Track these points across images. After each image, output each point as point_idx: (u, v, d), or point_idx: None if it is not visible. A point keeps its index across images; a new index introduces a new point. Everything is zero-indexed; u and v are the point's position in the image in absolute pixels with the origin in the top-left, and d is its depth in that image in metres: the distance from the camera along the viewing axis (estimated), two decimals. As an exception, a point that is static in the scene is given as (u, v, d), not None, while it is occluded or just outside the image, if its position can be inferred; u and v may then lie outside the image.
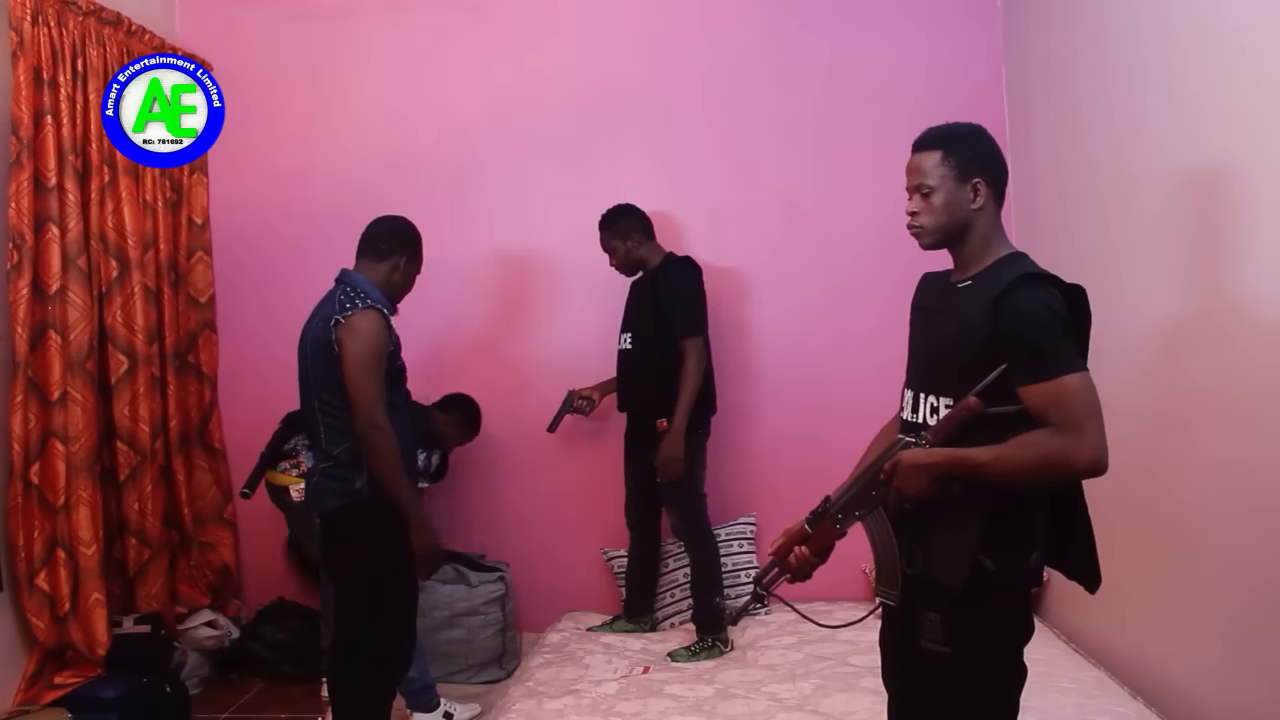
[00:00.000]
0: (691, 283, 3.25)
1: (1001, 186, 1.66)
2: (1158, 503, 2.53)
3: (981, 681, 1.60)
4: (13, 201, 2.85)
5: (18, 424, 2.84)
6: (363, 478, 2.31)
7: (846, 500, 1.65)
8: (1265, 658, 2.07)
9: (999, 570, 1.53)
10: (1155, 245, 2.54)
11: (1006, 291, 1.52)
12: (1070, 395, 1.44)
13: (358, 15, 3.82)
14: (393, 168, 3.74)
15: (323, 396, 2.34)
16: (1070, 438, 1.44)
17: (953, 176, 1.62)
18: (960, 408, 1.51)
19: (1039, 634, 3.05)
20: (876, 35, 3.71)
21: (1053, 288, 1.54)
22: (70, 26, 3.07)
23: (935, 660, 1.60)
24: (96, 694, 2.86)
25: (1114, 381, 2.79)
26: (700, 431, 3.26)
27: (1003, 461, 1.47)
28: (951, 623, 1.57)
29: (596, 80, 3.76)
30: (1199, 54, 2.32)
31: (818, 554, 1.68)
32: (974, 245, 1.64)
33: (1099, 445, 1.44)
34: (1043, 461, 1.46)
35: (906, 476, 1.55)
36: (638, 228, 3.29)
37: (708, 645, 3.15)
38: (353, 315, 2.28)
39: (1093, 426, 1.44)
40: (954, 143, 1.64)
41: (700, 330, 3.19)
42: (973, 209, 1.63)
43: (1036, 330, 1.48)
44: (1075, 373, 1.46)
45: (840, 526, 1.65)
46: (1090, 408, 1.44)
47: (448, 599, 3.42)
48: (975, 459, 1.49)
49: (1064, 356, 1.46)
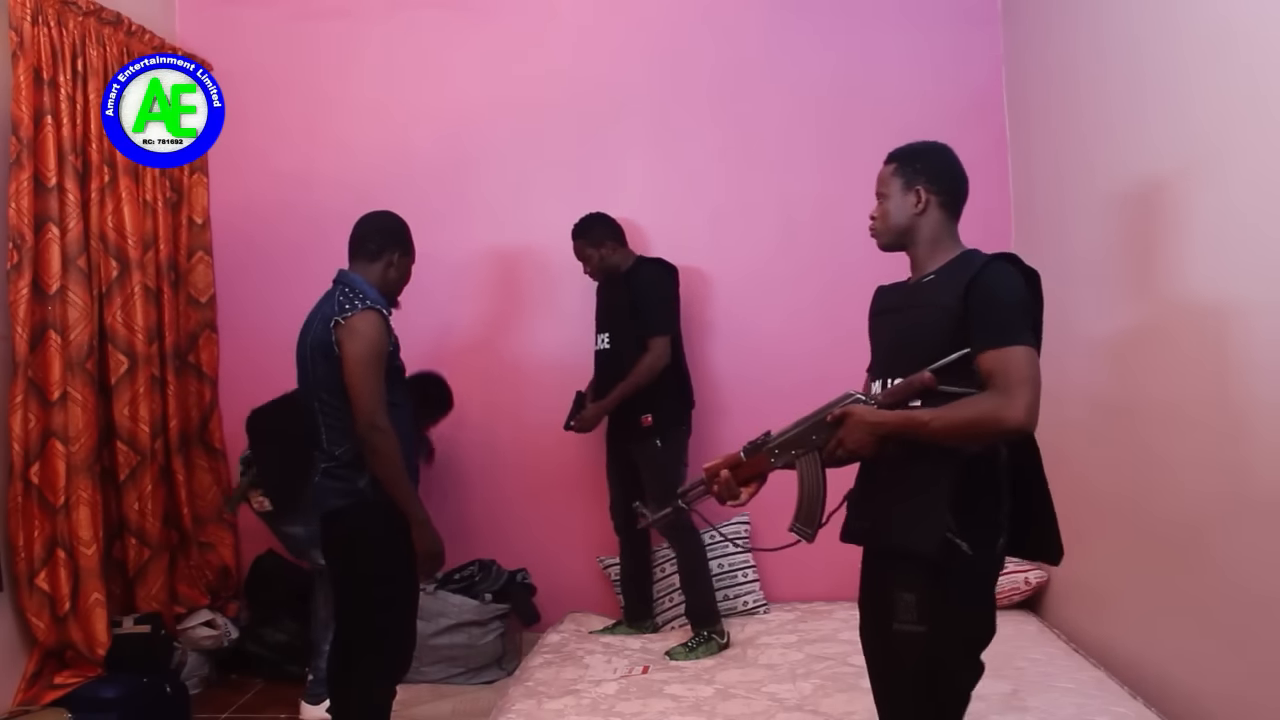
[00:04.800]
0: (664, 282, 3.30)
1: (952, 196, 1.81)
2: (1158, 502, 2.53)
3: (945, 661, 1.69)
4: (13, 201, 2.85)
5: (18, 424, 2.84)
6: (365, 478, 2.31)
7: (787, 438, 1.76)
8: (1265, 658, 2.07)
9: (973, 554, 1.62)
10: (1155, 245, 2.54)
11: (981, 271, 1.68)
12: (1013, 362, 1.58)
13: (358, 15, 3.82)
14: (393, 167, 3.74)
15: (323, 397, 2.34)
16: (1005, 399, 1.56)
17: (900, 185, 1.82)
18: (915, 379, 1.64)
19: (1039, 634, 3.09)
20: (877, 35, 3.71)
21: (1016, 269, 1.70)
22: (70, 26, 3.07)
23: (907, 640, 1.70)
24: (96, 694, 2.86)
25: (1115, 379, 2.81)
26: (682, 429, 3.30)
27: (940, 419, 1.60)
28: (925, 603, 1.66)
29: (597, 80, 3.76)
30: (1199, 54, 2.32)
31: (743, 482, 1.82)
32: (923, 247, 1.81)
33: (1029, 409, 1.55)
34: (977, 417, 1.58)
35: (852, 429, 1.67)
36: (609, 235, 3.33)
37: (704, 639, 3.15)
38: (352, 316, 2.28)
39: (1027, 391, 1.56)
40: (906, 157, 1.84)
41: (668, 329, 3.24)
42: (915, 214, 1.80)
43: (1002, 302, 1.64)
44: (1023, 345, 1.60)
45: (774, 461, 1.78)
46: (1029, 376, 1.57)
47: (457, 609, 3.43)
48: (918, 417, 1.63)
49: (1018, 329, 1.62)
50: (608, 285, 3.39)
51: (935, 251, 1.79)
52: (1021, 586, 3.32)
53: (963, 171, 1.83)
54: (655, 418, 3.21)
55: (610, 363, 3.30)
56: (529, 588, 3.65)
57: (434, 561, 2.39)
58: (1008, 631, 3.05)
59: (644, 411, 3.19)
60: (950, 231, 1.81)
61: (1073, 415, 3.06)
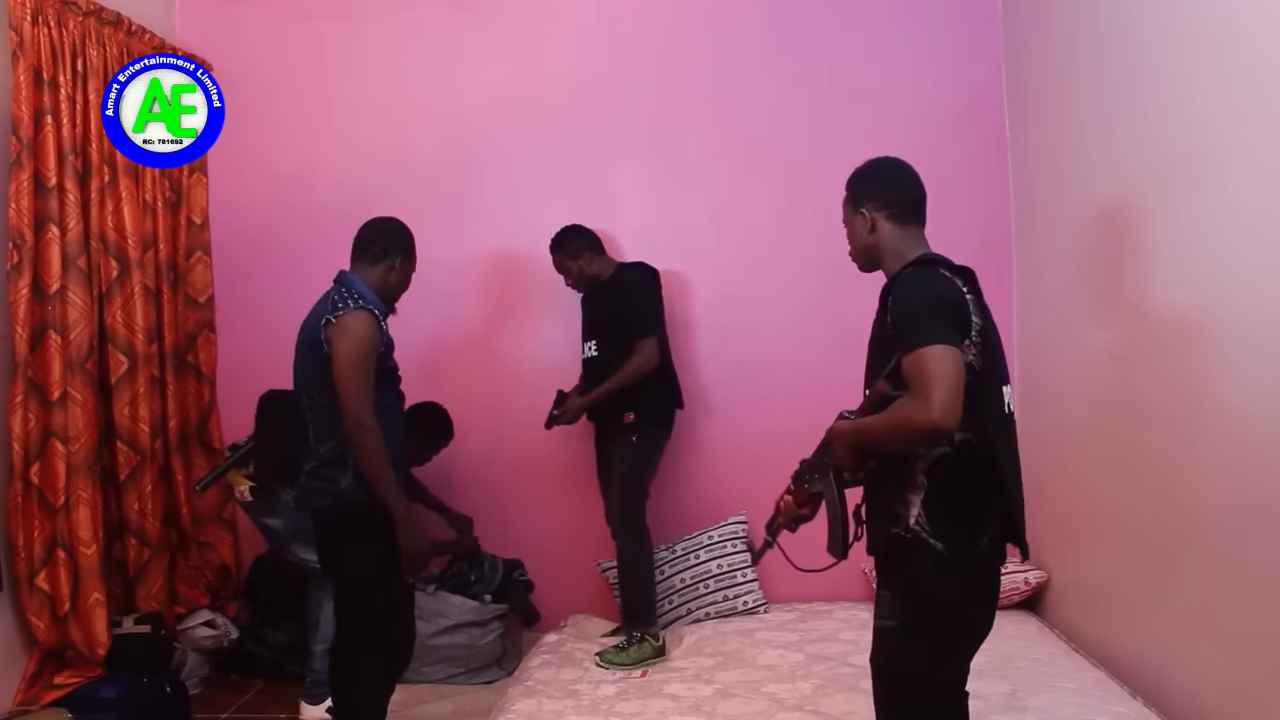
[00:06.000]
0: (647, 285, 3.33)
1: (901, 206, 1.85)
2: (1158, 503, 2.53)
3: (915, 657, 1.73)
4: (13, 201, 2.85)
5: (18, 424, 2.84)
6: (348, 477, 2.31)
7: (808, 464, 1.87)
8: (1265, 658, 2.07)
9: (946, 551, 1.67)
10: (1154, 245, 2.54)
11: (892, 281, 1.76)
12: (922, 363, 1.59)
13: (358, 15, 3.82)
14: (392, 168, 3.74)
15: (311, 394, 2.35)
16: (918, 400, 1.58)
17: (850, 211, 1.90)
18: (874, 391, 1.71)
19: (1039, 634, 3.09)
20: (876, 35, 3.71)
21: (936, 270, 1.74)
22: (70, 26, 3.07)
23: (882, 635, 1.78)
24: (96, 694, 2.86)
25: (1115, 380, 2.81)
26: (662, 431, 3.33)
27: (879, 424, 1.67)
28: (899, 599, 1.74)
29: (597, 81, 3.76)
30: (1199, 54, 2.32)
31: (801, 505, 1.89)
32: (889, 261, 1.86)
33: (942, 407, 1.55)
34: (898, 420, 1.62)
35: (836, 447, 1.76)
36: (587, 245, 3.35)
37: (637, 640, 3.13)
38: (344, 315, 2.29)
39: (938, 390, 1.56)
40: (852, 182, 1.92)
41: (653, 331, 3.26)
42: (868, 235, 1.87)
43: (904, 308, 1.67)
44: (932, 344, 1.60)
45: (809, 487, 1.85)
46: (938, 374, 1.57)
47: (457, 609, 3.43)
48: (865, 424, 1.71)
49: (924, 330, 1.61)
50: (592, 295, 3.42)
51: (896, 263, 1.83)
52: (1021, 586, 3.32)
53: (909, 178, 1.87)
54: (636, 415, 3.23)
55: (598, 370, 3.32)
56: (526, 584, 3.64)
57: (418, 560, 2.39)
58: (1008, 631, 3.07)
59: (626, 409, 3.22)
60: (907, 240, 1.84)
61: (1073, 416, 3.06)
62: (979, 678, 1.86)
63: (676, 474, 3.63)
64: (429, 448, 3.40)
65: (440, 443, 3.44)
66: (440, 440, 3.43)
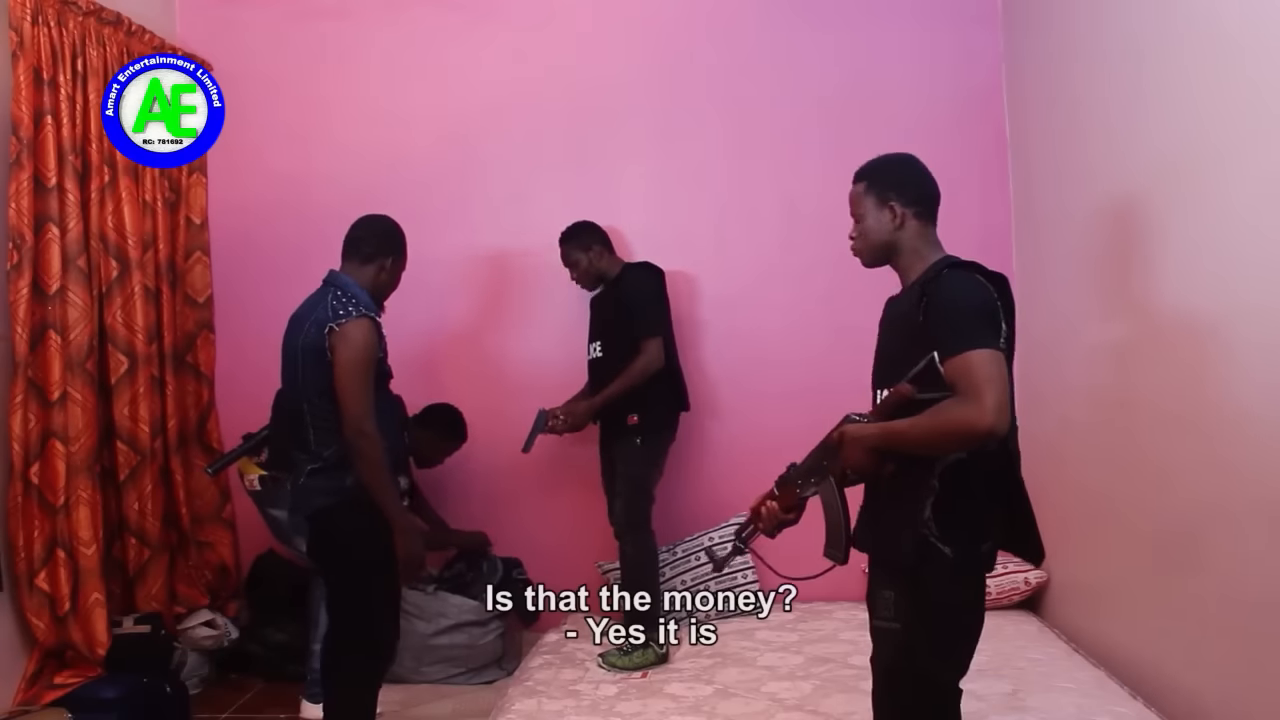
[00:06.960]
0: (653, 285, 3.32)
1: (925, 205, 1.83)
2: (1159, 502, 2.53)
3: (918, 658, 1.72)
4: (13, 201, 2.85)
5: (18, 424, 2.84)
6: (351, 476, 2.34)
7: (805, 467, 1.81)
8: (1266, 658, 2.07)
9: (954, 556, 1.66)
10: (1155, 244, 2.54)
11: (932, 279, 1.71)
12: (974, 367, 1.57)
13: (358, 15, 3.82)
14: (392, 168, 3.74)
15: (312, 400, 2.36)
16: (970, 403, 1.56)
17: (873, 203, 1.84)
18: (894, 392, 1.67)
19: (1039, 634, 3.09)
20: (877, 35, 3.71)
21: (975, 274, 1.72)
22: (70, 26, 3.07)
23: (883, 636, 1.78)
24: (96, 694, 2.86)
25: (1115, 380, 2.81)
26: (666, 434, 3.32)
27: (917, 428, 1.62)
28: (903, 601, 1.72)
29: (597, 80, 3.76)
30: (1199, 53, 2.32)
31: (785, 510, 1.83)
32: (907, 259, 1.83)
33: (995, 410, 1.54)
34: (946, 423, 1.59)
35: (848, 448, 1.70)
36: (598, 240, 3.35)
37: (640, 644, 3.09)
38: (347, 324, 2.30)
39: (992, 393, 1.55)
40: (873, 174, 1.87)
41: (658, 331, 3.25)
42: (894, 229, 1.82)
43: (951, 310, 1.65)
44: (982, 348, 1.59)
45: (801, 490, 1.81)
46: (991, 377, 1.56)
47: (457, 609, 3.43)
48: (896, 427, 1.65)
49: (973, 334, 1.61)
50: (599, 295, 3.41)
51: (916, 262, 1.82)
52: (1021, 586, 3.32)
53: (930, 177, 1.86)
54: (640, 418, 3.21)
55: (603, 371, 3.30)
56: (525, 583, 3.63)
57: (415, 567, 2.41)
58: (1008, 631, 3.07)
59: (631, 412, 3.20)
60: (928, 239, 1.83)
61: (1073, 416, 3.06)
62: (979, 678, 1.87)
63: (677, 474, 3.62)
64: (442, 450, 3.40)
65: (453, 445, 3.44)
66: (454, 443, 3.43)
